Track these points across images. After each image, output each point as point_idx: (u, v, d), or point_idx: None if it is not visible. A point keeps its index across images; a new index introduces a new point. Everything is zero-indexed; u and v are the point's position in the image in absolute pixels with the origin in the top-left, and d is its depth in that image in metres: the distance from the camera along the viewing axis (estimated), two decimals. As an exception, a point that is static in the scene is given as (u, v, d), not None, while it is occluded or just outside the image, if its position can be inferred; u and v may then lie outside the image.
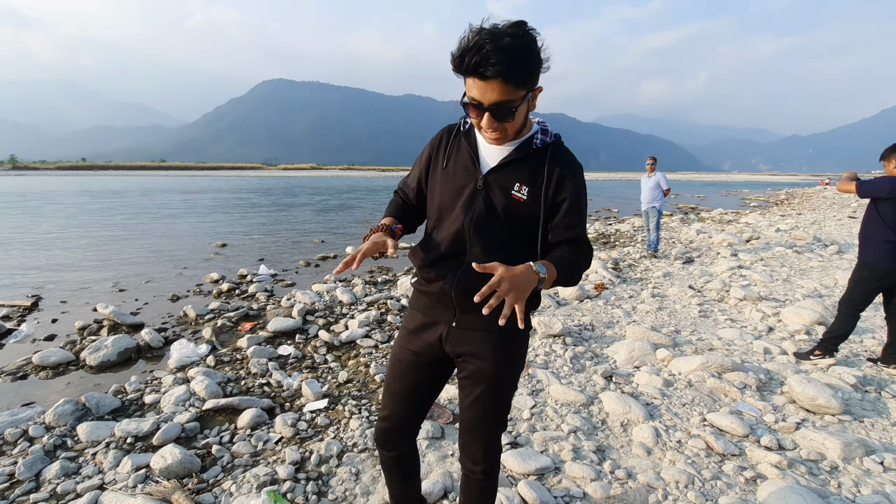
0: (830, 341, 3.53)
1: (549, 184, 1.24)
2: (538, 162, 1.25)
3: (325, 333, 4.19)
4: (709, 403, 2.94)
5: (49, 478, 2.24)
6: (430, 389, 1.47)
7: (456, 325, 1.33)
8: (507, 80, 1.06)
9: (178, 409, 2.91)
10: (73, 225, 13.44)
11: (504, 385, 1.36)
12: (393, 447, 1.51)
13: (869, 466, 2.29)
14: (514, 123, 1.18)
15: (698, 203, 24.39)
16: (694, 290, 5.76)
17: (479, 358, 1.32)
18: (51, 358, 3.76)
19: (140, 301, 5.76)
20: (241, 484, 2.17)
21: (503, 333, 1.31)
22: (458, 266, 1.30)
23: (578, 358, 3.64)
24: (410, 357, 1.42)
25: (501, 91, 1.08)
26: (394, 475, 1.59)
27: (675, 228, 12.40)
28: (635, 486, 2.16)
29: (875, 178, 3.33)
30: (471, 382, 1.35)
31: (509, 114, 1.13)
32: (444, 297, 1.32)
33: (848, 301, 3.45)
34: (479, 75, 1.07)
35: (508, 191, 1.25)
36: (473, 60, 1.05)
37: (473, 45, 1.05)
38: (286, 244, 10.61)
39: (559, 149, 1.29)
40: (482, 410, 1.36)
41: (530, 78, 1.11)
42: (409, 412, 1.46)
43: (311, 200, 25.06)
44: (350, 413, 2.85)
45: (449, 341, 1.35)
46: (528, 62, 1.08)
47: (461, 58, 1.08)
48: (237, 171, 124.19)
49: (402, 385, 1.44)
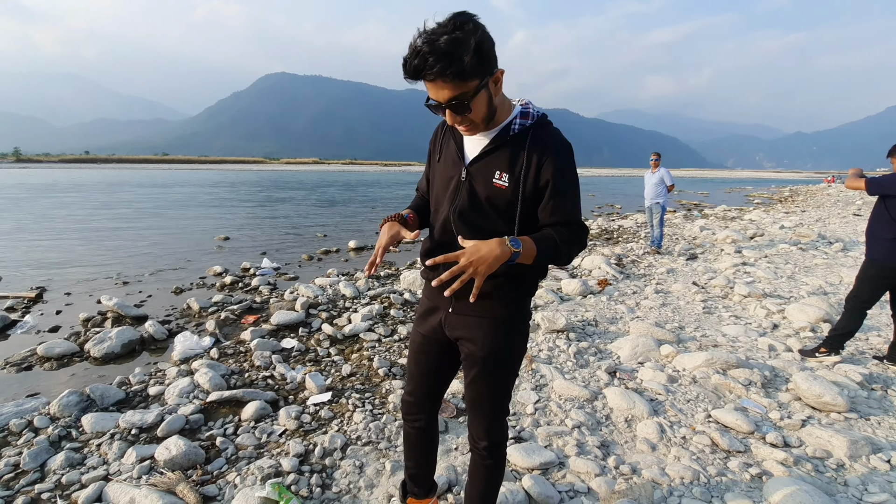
0: (837, 338, 3.51)
1: (529, 169, 1.24)
2: (517, 147, 1.25)
3: (329, 327, 4.19)
4: (713, 400, 2.93)
5: (54, 468, 2.25)
6: (443, 369, 1.55)
7: (452, 311, 1.40)
8: (450, 78, 1.09)
9: (183, 400, 2.91)
10: (77, 217, 13.46)
11: (497, 368, 1.40)
12: (415, 418, 1.62)
13: (875, 464, 2.27)
14: (476, 114, 1.18)
15: (702, 200, 24.29)
16: (698, 287, 5.73)
17: (472, 342, 1.38)
18: (55, 349, 3.77)
19: (144, 293, 5.77)
20: (245, 476, 2.18)
21: (496, 319, 1.36)
22: None
23: (582, 353, 3.63)
24: (420, 339, 1.53)
25: (450, 88, 1.11)
26: (413, 446, 1.68)
27: (679, 225, 12.35)
28: (640, 481, 2.15)
29: (884, 176, 3.29)
30: (467, 365, 1.42)
31: (465, 108, 1.15)
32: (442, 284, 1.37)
33: (855, 298, 3.43)
34: (424, 78, 1.11)
35: (490, 179, 1.27)
36: (413, 65, 1.09)
37: (413, 52, 1.08)
38: (289, 238, 10.62)
39: (540, 131, 1.26)
40: (477, 392, 1.44)
41: (476, 69, 1.10)
42: (426, 388, 1.58)
43: (313, 194, 25.05)
44: (353, 406, 2.85)
45: (447, 325, 1.42)
46: (467, 55, 1.07)
47: (405, 66, 1.11)
48: (239, 165, 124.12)
49: (417, 366, 1.56)
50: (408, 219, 1.47)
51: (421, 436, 1.65)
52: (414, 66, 1.09)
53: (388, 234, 1.37)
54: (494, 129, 1.27)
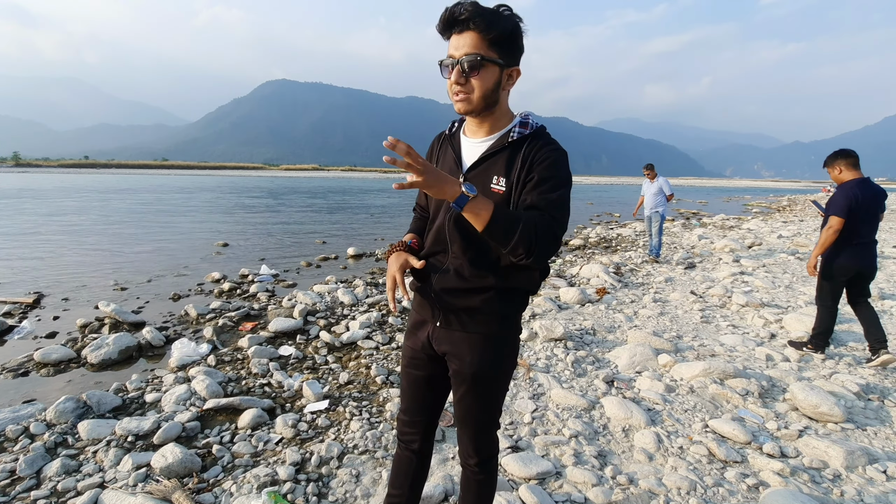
0: (819, 337, 3.79)
1: (522, 170, 1.22)
2: (515, 153, 1.24)
3: (327, 334, 4.19)
4: (711, 410, 2.93)
5: (50, 475, 2.24)
6: (436, 383, 1.47)
7: (439, 325, 1.36)
8: (480, 28, 1.13)
9: (179, 408, 2.91)
10: (75, 223, 13.46)
11: (485, 386, 1.36)
12: (411, 439, 1.53)
13: (872, 475, 2.27)
14: (481, 85, 1.17)
15: (700, 208, 24.37)
16: (696, 296, 5.75)
17: (459, 358, 1.34)
18: (52, 355, 3.76)
19: (142, 299, 5.76)
20: (241, 484, 2.17)
21: (483, 335, 1.32)
22: (440, 266, 1.34)
23: (580, 362, 3.63)
24: (410, 353, 1.47)
25: (473, 42, 1.14)
26: (403, 472, 1.56)
27: (677, 234, 12.39)
28: (637, 491, 2.15)
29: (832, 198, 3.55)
30: (455, 381, 1.38)
31: (478, 65, 1.15)
32: (428, 296, 1.37)
33: (819, 299, 3.76)
34: (456, 23, 1.15)
35: (487, 185, 1.25)
36: (451, 10, 1.14)
37: (455, 4, 1.15)
38: (288, 244, 10.62)
39: (537, 138, 1.26)
40: (465, 408, 1.40)
41: (503, 42, 1.16)
42: (420, 404, 1.50)
43: (312, 201, 25.09)
44: (351, 414, 2.84)
45: (435, 340, 1.38)
46: (505, 23, 1.15)
47: (442, 16, 1.16)
48: (239, 171, 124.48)
49: (409, 381, 1.49)
50: (412, 245, 1.45)
51: (413, 460, 1.55)
52: (451, 12, 1.14)
53: (397, 264, 1.35)
54: (493, 135, 1.28)
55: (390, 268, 1.36)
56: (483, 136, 1.29)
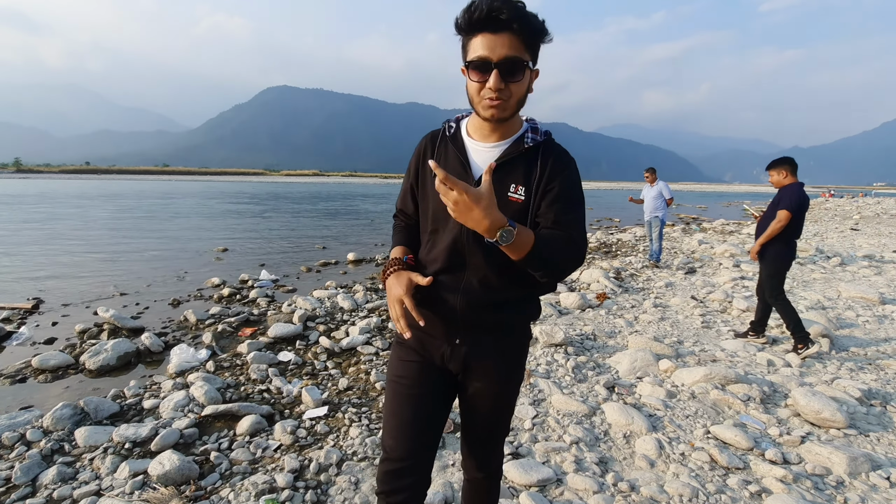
0: (798, 332, 3.90)
1: (542, 178, 1.17)
2: (531, 160, 1.19)
3: (326, 340, 4.18)
4: (712, 415, 2.91)
5: (46, 483, 2.22)
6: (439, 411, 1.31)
7: (459, 343, 1.24)
8: (520, 28, 1.03)
9: (177, 414, 2.89)
10: (75, 228, 13.47)
11: (508, 398, 1.34)
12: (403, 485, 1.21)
13: (875, 482, 2.25)
14: (519, 89, 1.10)
15: (700, 213, 24.39)
16: (696, 301, 5.73)
17: (485, 374, 1.26)
18: (50, 361, 3.74)
19: (141, 305, 5.75)
20: (239, 491, 2.15)
21: (512, 347, 1.29)
22: (460, 280, 1.21)
23: (580, 368, 3.62)
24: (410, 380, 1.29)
25: (511, 44, 1.04)
26: None
27: (677, 238, 12.39)
28: (638, 498, 2.13)
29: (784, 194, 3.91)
30: (476, 398, 1.31)
31: (521, 67, 1.07)
32: (449, 314, 1.22)
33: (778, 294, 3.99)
34: (492, 22, 1.03)
35: (505, 193, 1.17)
36: (490, 8, 1.01)
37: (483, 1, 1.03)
38: (287, 250, 10.62)
39: (551, 145, 1.23)
40: (489, 426, 1.35)
41: (534, 43, 1.09)
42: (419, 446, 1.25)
43: (313, 206, 25.11)
44: (350, 421, 2.82)
45: (452, 359, 1.25)
46: (538, 24, 1.07)
47: (470, 10, 1.04)
48: (240, 177, 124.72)
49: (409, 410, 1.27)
50: (408, 261, 1.30)
51: None
52: (489, 7, 1.01)
53: (402, 286, 1.19)
54: (505, 140, 1.20)
55: (393, 291, 1.20)
56: (495, 140, 1.20)
